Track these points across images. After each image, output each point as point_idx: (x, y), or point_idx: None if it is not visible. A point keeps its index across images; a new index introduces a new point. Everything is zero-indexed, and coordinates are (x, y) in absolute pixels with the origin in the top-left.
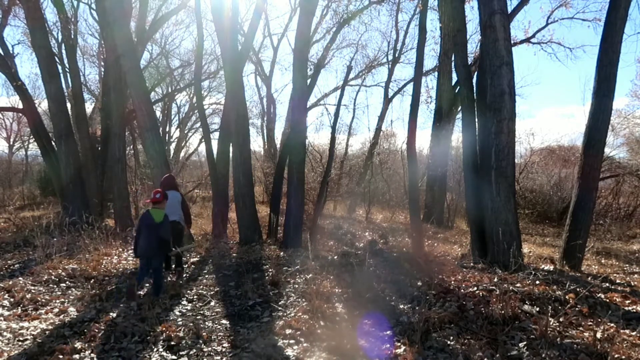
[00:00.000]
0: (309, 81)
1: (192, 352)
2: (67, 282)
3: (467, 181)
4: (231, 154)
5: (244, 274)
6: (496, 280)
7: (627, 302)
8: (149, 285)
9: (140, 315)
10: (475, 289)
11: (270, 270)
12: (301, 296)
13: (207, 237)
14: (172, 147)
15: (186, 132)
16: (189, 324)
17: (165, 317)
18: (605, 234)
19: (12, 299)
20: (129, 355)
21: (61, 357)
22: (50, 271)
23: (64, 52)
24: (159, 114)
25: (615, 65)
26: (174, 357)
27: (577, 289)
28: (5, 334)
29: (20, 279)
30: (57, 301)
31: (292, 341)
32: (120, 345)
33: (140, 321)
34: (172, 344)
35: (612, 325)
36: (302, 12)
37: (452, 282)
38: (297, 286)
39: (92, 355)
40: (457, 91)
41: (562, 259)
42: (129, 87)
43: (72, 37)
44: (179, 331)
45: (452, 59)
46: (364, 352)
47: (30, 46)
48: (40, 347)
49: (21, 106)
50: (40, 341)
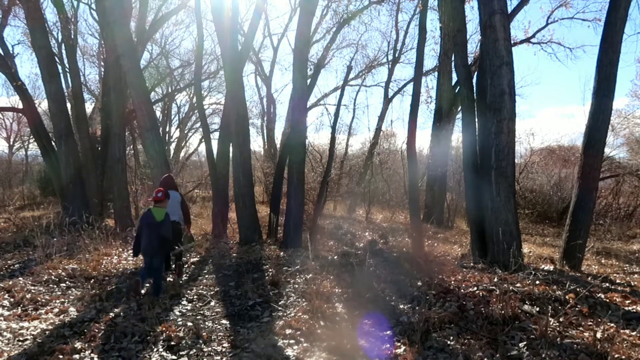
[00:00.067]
0: (309, 81)
1: (192, 352)
2: (67, 282)
3: (467, 181)
4: (231, 154)
5: (244, 274)
6: (496, 280)
7: (627, 302)
8: (149, 285)
9: (140, 315)
10: (475, 289)
11: (270, 270)
12: (301, 296)
13: (207, 237)
14: (172, 147)
15: (186, 132)
16: (189, 324)
17: (165, 317)
18: (605, 234)
19: (12, 299)
20: (129, 355)
21: (61, 357)
22: (50, 271)
23: (64, 52)
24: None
25: (615, 65)
26: (174, 357)
27: (577, 289)
28: (5, 334)
29: (20, 279)
30: (57, 301)
31: (292, 341)
32: (120, 345)
33: (140, 321)
34: (172, 344)
35: (612, 325)
36: (302, 12)
37: (452, 282)
38: (297, 286)
39: (92, 355)
40: (457, 91)
41: (562, 259)
42: (129, 87)
43: (72, 37)
44: (179, 331)
45: (452, 59)
46: (364, 352)
47: (30, 46)
48: (40, 347)
49: (21, 106)
50: (40, 341)
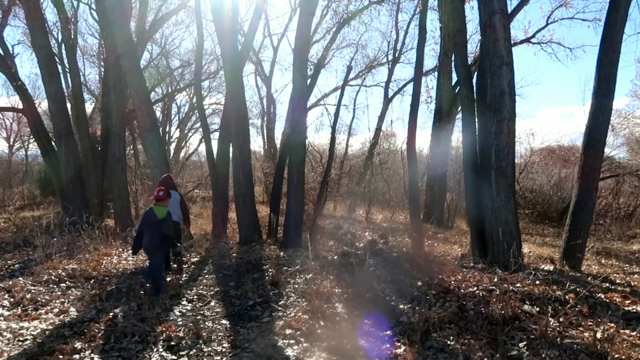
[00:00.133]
0: (309, 81)
1: (192, 352)
2: (67, 282)
3: (467, 181)
4: (231, 154)
5: (244, 274)
6: (496, 280)
7: (627, 302)
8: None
9: (140, 315)
10: (475, 289)
11: (270, 270)
12: (301, 296)
13: (207, 237)
14: (172, 147)
15: (186, 132)
16: (189, 324)
17: (165, 317)
18: (605, 234)
19: (12, 299)
20: (129, 355)
21: (61, 357)
22: (50, 271)
23: (64, 52)
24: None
25: (615, 65)
26: (174, 357)
27: (577, 289)
28: (5, 334)
29: (20, 279)
30: (57, 301)
31: (292, 341)
32: (120, 345)
33: (140, 321)
34: (172, 344)
35: (612, 325)
36: (302, 12)
37: (452, 282)
38: (297, 286)
39: (92, 355)
40: (457, 91)
41: (562, 259)
42: (129, 87)
43: (72, 37)
44: (179, 331)
45: (452, 59)
46: (364, 352)
47: (30, 46)
48: (40, 347)
49: (21, 106)
50: (40, 341)
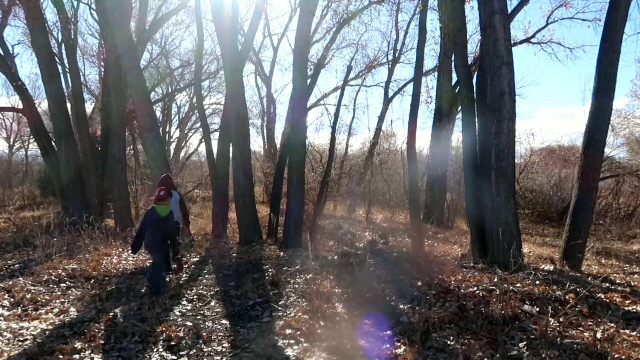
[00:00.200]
0: (309, 81)
1: (192, 352)
2: (67, 282)
3: (467, 181)
4: (231, 154)
5: (244, 274)
6: (496, 280)
7: (627, 302)
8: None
9: (140, 315)
10: (475, 289)
11: (270, 270)
12: (301, 296)
13: (207, 237)
14: (172, 147)
15: (186, 132)
16: (189, 324)
17: (165, 317)
18: (605, 234)
19: (12, 299)
20: (129, 355)
21: (61, 357)
22: (50, 271)
23: (64, 52)
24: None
25: (615, 65)
26: (174, 357)
27: (577, 289)
28: (5, 334)
29: (20, 279)
30: (57, 301)
31: (292, 341)
32: (120, 345)
33: (140, 321)
34: (172, 344)
35: (612, 325)
36: (302, 12)
37: (452, 282)
38: (297, 286)
39: (92, 355)
40: (457, 91)
41: (562, 259)
42: (129, 87)
43: (72, 37)
44: (179, 331)
45: (452, 59)
46: (364, 352)
47: (30, 46)
48: (40, 347)
49: (21, 106)
50: (40, 341)
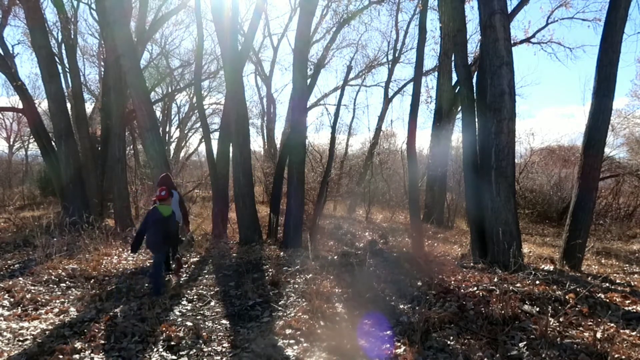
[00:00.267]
0: (309, 81)
1: (192, 352)
2: (67, 282)
3: (467, 181)
4: (231, 154)
5: (244, 274)
6: (496, 280)
7: (627, 302)
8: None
9: (140, 315)
10: (475, 289)
11: (270, 270)
12: (301, 296)
13: (207, 237)
14: (172, 147)
15: (186, 132)
16: (189, 324)
17: (165, 317)
18: (605, 234)
19: (12, 299)
20: (129, 355)
21: (61, 357)
22: (50, 271)
23: (64, 52)
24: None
25: (615, 65)
26: (174, 357)
27: (577, 289)
28: (5, 334)
29: (20, 279)
30: (57, 301)
31: (292, 341)
32: (120, 345)
33: (140, 321)
34: (172, 344)
35: (612, 325)
36: (302, 12)
37: (452, 282)
38: (297, 286)
39: (92, 355)
40: (457, 91)
41: (562, 259)
42: (129, 87)
43: (72, 37)
44: (179, 331)
45: (452, 59)
46: (364, 352)
47: (30, 46)
48: (40, 347)
49: (21, 106)
50: (40, 341)
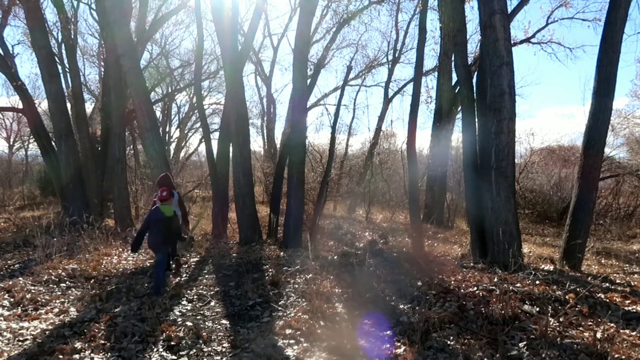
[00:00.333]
0: (309, 81)
1: (192, 352)
2: (67, 282)
3: (467, 181)
4: (231, 154)
5: (244, 274)
6: (496, 280)
7: (627, 302)
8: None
9: (140, 315)
10: (475, 289)
11: (270, 270)
12: (301, 296)
13: (207, 237)
14: (172, 147)
15: (186, 132)
16: (189, 324)
17: (165, 317)
18: (605, 234)
19: (12, 299)
20: (129, 355)
21: (61, 357)
22: (50, 271)
23: (64, 52)
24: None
25: (615, 65)
26: (174, 357)
27: (577, 289)
28: (5, 334)
29: (20, 279)
30: (57, 301)
31: (292, 341)
32: (120, 345)
33: (140, 321)
34: (172, 344)
35: (612, 325)
36: (302, 12)
37: (452, 282)
38: (297, 286)
39: (92, 355)
40: (457, 91)
41: (562, 259)
42: (129, 87)
43: (72, 37)
44: (179, 331)
45: (452, 59)
46: (364, 352)
47: (30, 46)
48: (40, 347)
49: (21, 106)
50: (40, 341)
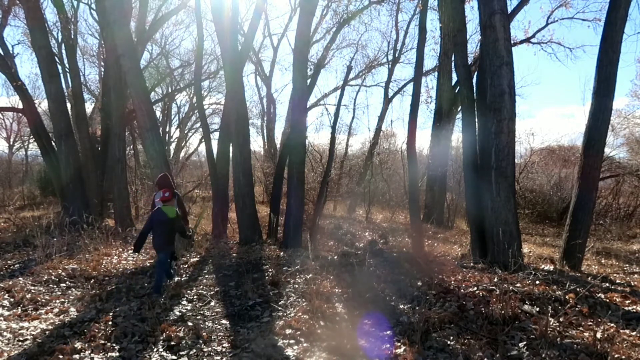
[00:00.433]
0: (309, 81)
1: (192, 352)
2: (67, 282)
3: (467, 181)
4: (231, 154)
5: (244, 274)
6: (496, 280)
7: (627, 302)
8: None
9: (140, 315)
10: (475, 289)
11: (270, 270)
12: (301, 296)
13: (207, 237)
14: (172, 147)
15: (186, 132)
16: (189, 324)
17: (165, 317)
18: (605, 234)
19: (12, 299)
20: (129, 355)
21: (61, 357)
22: (50, 271)
23: (64, 52)
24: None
25: (615, 65)
26: (174, 357)
27: (577, 289)
28: (5, 334)
29: (20, 279)
30: (57, 301)
31: (292, 341)
32: (120, 345)
33: (140, 321)
34: (172, 344)
35: (612, 325)
36: (302, 12)
37: (452, 282)
38: (297, 286)
39: (92, 355)
40: (457, 91)
41: (562, 259)
42: (129, 87)
43: (72, 37)
44: (179, 331)
45: (452, 59)
46: (364, 352)
47: (30, 46)
48: (40, 347)
49: (21, 106)
50: (40, 341)
